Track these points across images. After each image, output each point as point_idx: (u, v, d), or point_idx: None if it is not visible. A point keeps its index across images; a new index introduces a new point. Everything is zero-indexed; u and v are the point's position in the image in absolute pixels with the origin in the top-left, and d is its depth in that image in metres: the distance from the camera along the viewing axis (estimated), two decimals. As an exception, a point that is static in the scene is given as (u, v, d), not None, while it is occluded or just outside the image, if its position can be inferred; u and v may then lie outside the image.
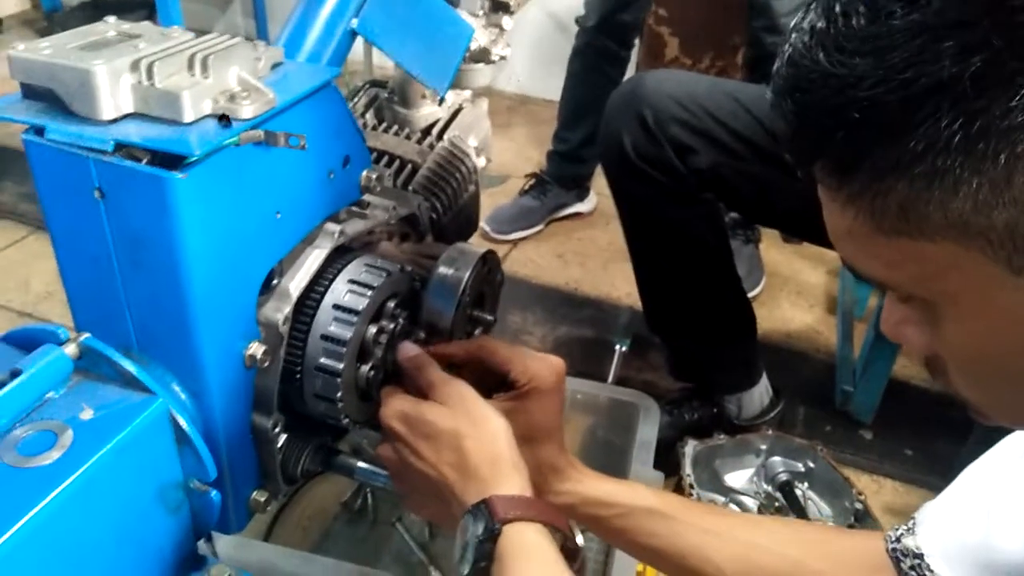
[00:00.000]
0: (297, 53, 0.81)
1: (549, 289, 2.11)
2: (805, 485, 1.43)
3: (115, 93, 0.59)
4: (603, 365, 1.75)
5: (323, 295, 0.77)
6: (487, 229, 2.26)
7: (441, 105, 1.06)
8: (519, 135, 2.91)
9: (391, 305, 0.81)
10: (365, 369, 0.79)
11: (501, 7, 1.00)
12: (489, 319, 0.91)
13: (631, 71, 2.30)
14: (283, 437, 0.78)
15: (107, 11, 0.72)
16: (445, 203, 0.97)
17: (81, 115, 0.60)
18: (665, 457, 1.35)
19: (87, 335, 0.65)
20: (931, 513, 0.68)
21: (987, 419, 0.53)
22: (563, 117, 2.32)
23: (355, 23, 0.81)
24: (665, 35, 2.57)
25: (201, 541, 0.74)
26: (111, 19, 0.66)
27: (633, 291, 1.57)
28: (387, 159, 0.98)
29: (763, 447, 1.46)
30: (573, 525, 0.69)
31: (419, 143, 1.00)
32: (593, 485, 0.80)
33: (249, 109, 0.62)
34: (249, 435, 0.77)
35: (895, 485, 1.57)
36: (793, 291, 2.13)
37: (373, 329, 0.79)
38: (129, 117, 0.61)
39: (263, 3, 3.33)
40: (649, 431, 1.26)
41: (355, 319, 0.76)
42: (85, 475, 0.59)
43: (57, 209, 0.65)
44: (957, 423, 1.51)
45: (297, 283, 0.75)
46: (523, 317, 1.97)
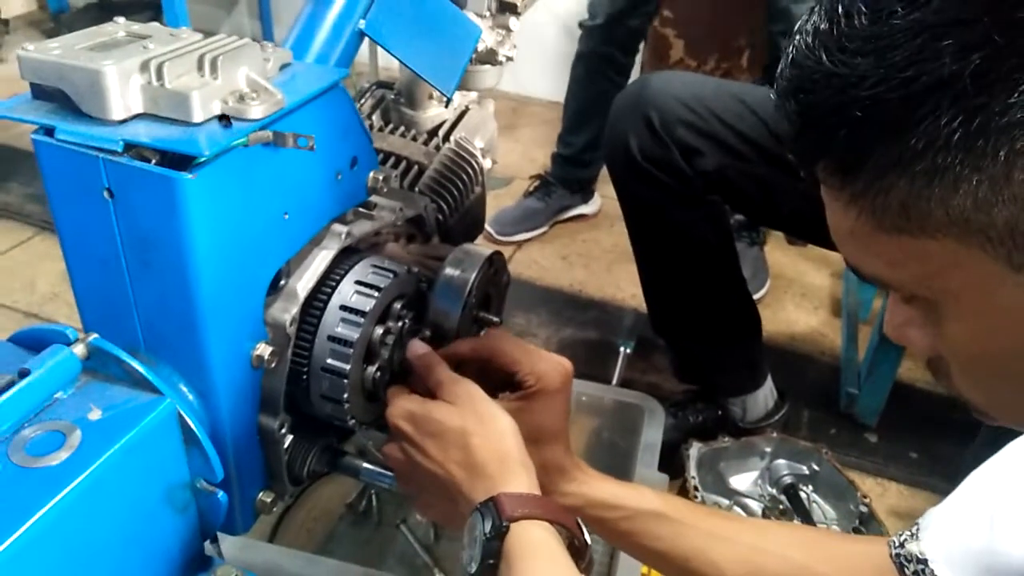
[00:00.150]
0: (305, 54, 0.81)
1: (553, 291, 2.11)
2: (810, 488, 1.43)
3: (125, 93, 0.59)
4: (608, 367, 1.76)
5: (330, 296, 0.77)
6: (491, 231, 2.25)
7: (448, 106, 1.06)
8: (524, 136, 2.91)
9: (398, 306, 0.81)
10: (372, 370, 0.79)
11: (508, 8, 1.00)
12: (495, 320, 0.91)
13: (636, 74, 2.30)
14: (289, 438, 0.79)
15: (113, 12, 0.72)
16: (451, 204, 0.97)
17: (91, 115, 0.60)
18: (670, 459, 1.35)
19: (95, 335, 0.65)
20: (935, 518, 0.68)
21: (990, 420, 0.53)
22: (567, 121, 2.32)
23: (362, 24, 0.82)
24: (670, 37, 2.57)
25: (207, 542, 0.74)
26: (120, 20, 0.66)
27: (638, 293, 1.57)
28: (394, 160, 0.98)
29: (768, 450, 1.46)
30: (581, 523, 0.69)
31: (425, 144, 1.00)
32: (598, 487, 0.80)
33: (258, 110, 0.62)
34: (256, 436, 0.77)
35: (900, 488, 1.57)
36: (798, 293, 2.13)
37: (380, 330, 0.79)
38: (138, 117, 0.61)
39: (268, 4, 3.34)
40: (654, 433, 1.26)
41: (362, 320, 0.76)
42: (93, 475, 0.59)
43: (66, 209, 0.65)
44: (962, 426, 1.51)
45: (304, 284, 0.75)
46: (527, 319, 1.97)
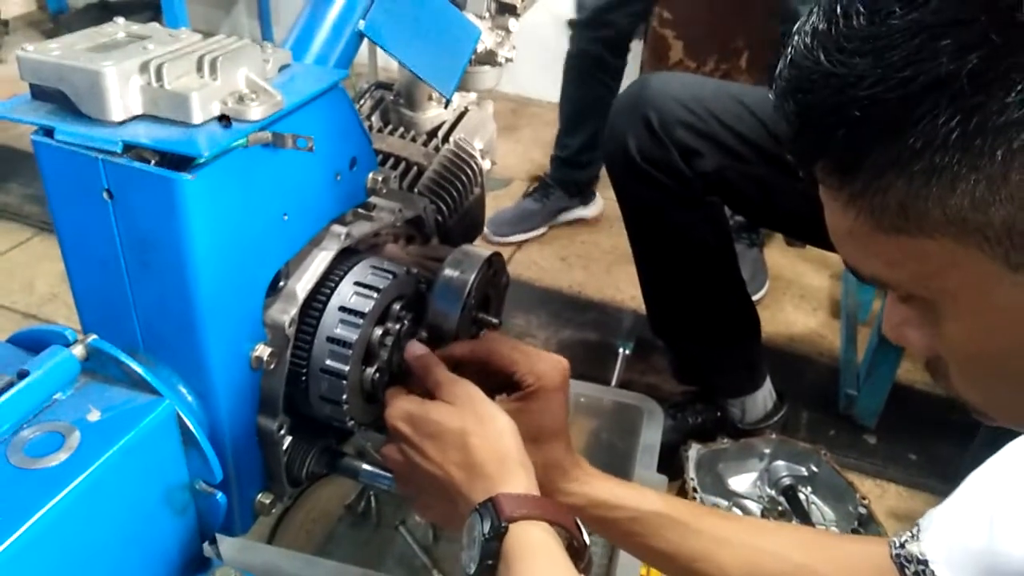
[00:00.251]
0: (304, 55, 0.81)
1: (553, 292, 2.11)
2: (809, 489, 1.42)
3: (124, 94, 0.59)
4: (607, 368, 1.75)
5: (329, 297, 0.77)
6: (486, 231, 2.23)
7: (447, 107, 1.06)
8: (524, 137, 2.91)
9: (397, 307, 0.81)
10: (371, 371, 0.79)
11: (507, 9, 1.00)
12: (494, 322, 0.91)
13: (635, 74, 2.30)
14: (288, 439, 0.78)
15: (113, 12, 0.72)
16: (451, 205, 0.97)
17: (90, 116, 0.60)
18: (669, 461, 1.35)
19: (94, 336, 0.65)
20: (935, 519, 0.68)
21: (989, 420, 0.53)
22: (562, 123, 2.31)
23: (362, 25, 0.81)
24: (669, 38, 2.57)
25: (206, 543, 0.74)
26: (120, 20, 0.66)
27: (637, 294, 1.57)
28: (393, 161, 0.98)
29: (767, 451, 1.46)
30: (579, 523, 0.69)
31: (425, 145, 1.00)
32: (601, 487, 0.80)
33: (257, 111, 0.62)
34: (254, 437, 0.77)
35: (899, 489, 1.57)
36: (797, 295, 2.13)
37: (379, 331, 0.79)
38: (138, 118, 0.61)
39: (268, 5, 3.34)
40: (653, 435, 1.26)
41: (361, 321, 0.76)
42: (92, 477, 0.59)
43: (66, 210, 0.65)
44: (961, 427, 1.51)
45: (303, 285, 0.75)
46: (527, 320, 1.97)
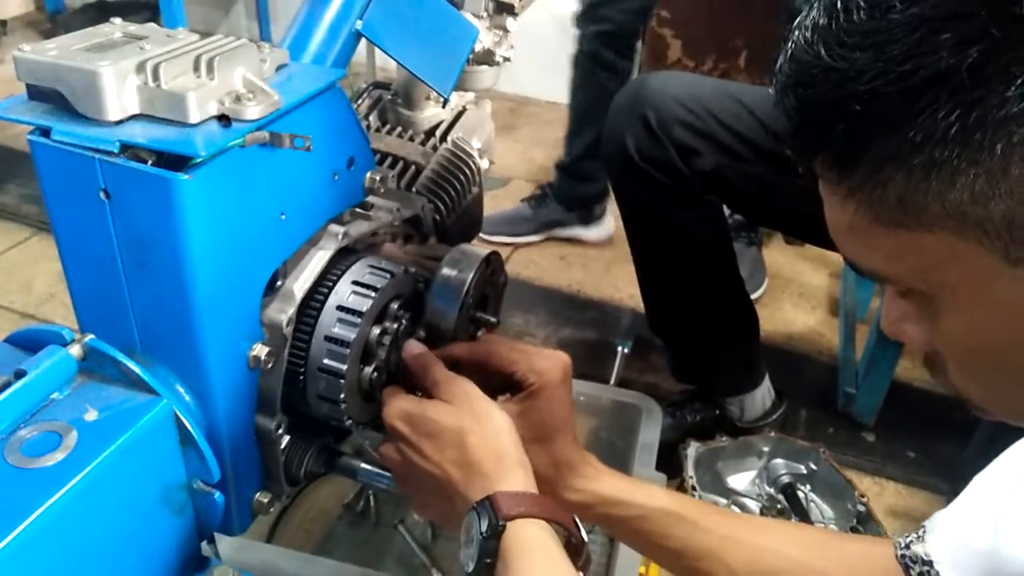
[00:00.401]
0: (302, 55, 0.81)
1: (552, 291, 2.11)
2: (807, 487, 1.42)
3: (121, 94, 0.59)
4: (605, 367, 1.76)
5: (327, 296, 0.77)
6: None
7: (445, 107, 1.06)
8: (522, 137, 2.91)
9: (394, 306, 0.81)
10: (368, 370, 0.79)
11: (505, 9, 1.00)
12: (492, 321, 0.91)
13: (633, 73, 2.30)
14: (286, 438, 0.79)
15: (110, 13, 0.72)
16: (449, 205, 0.97)
17: (87, 116, 0.60)
18: (667, 459, 1.35)
19: (91, 336, 0.65)
20: (941, 521, 0.68)
21: (987, 415, 0.53)
22: (568, 126, 2.25)
23: (359, 25, 0.81)
24: (668, 37, 2.57)
25: (204, 543, 0.74)
26: (117, 21, 0.66)
27: (635, 293, 1.57)
28: (391, 161, 0.98)
29: (765, 449, 1.46)
30: (578, 521, 0.69)
31: (423, 145, 1.00)
32: (610, 484, 0.79)
33: (254, 110, 0.62)
34: (253, 436, 0.77)
35: (897, 487, 1.57)
36: (795, 293, 2.13)
37: (376, 330, 0.79)
38: (135, 118, 0.61)
39: (266, 5, 3.34)
40: (651, 433, 1.26)
41: (359, 320, 0.76)
42: (89, 476, 0.59)
43: (62, 210, 0.65)
44: (960, 425, 1.52)
45: (301, 284, 0.75)
46: (525, 319, 1.97)
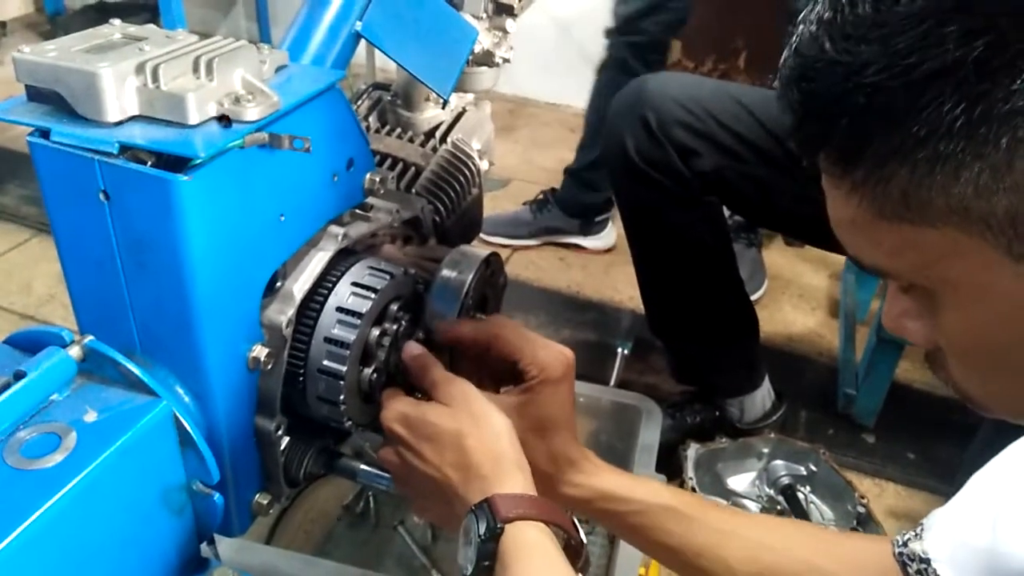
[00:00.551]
0: (301, 56, 0.81)
1: (551, 292, 2.11)
2: (807, 488, 1.42)
3: (120, 95, 0.59)
4: (605, 368, 1.76)
5: (326, 298, 0.77)
6: None
7: (444, 108, 1.06)
8: (522, 138, 2.91)
9: (394, 308, 0.81)
10: (368, 372, 0.79)
11: (504, 10, 1.00)
12: (492, 322, 0.91)
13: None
14: (286, 440, 0.78)
15: (110, 14, 0.72)
16: (448, 206, 0.97)
17: (86, 117, 0.60)
18: (667, 460, 1.35)
19: (91, 337, 0.65)
20: (939, 519, 0.68)
21: (988, 412, 0.53)
22: (584, 134, 2.23)
23: (359, 26, 0.81)
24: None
25: (204, 544, 0.74)
26: (116, 22, 0.66)
27: (635, 294, 1.57)
28: (390, 162, 0.98)
29: (765, 450, 1.46)
30: (576, 523, 0.69)
31: (422, 146, 1.00)
32: (609, 479, 0.79)
33: (254, 112, 0.62)
34: (252, 438, 0.77)
35: (897, 488, 1.57)
36: (795, 294, 2.13)
37: (376, 332, 0.79)
38: (134, 119, 0.61)
39: (266, 6, 3.34)
40: (651, 434, 1.26)
41: (358, 322, 0.76)
42: (89, 478, 0.59)
43: (62, 211, 0.65)
44: (960, 427, 1.51)
45: (301, 286, 0.75)
46: (525, 320, 1.97)
